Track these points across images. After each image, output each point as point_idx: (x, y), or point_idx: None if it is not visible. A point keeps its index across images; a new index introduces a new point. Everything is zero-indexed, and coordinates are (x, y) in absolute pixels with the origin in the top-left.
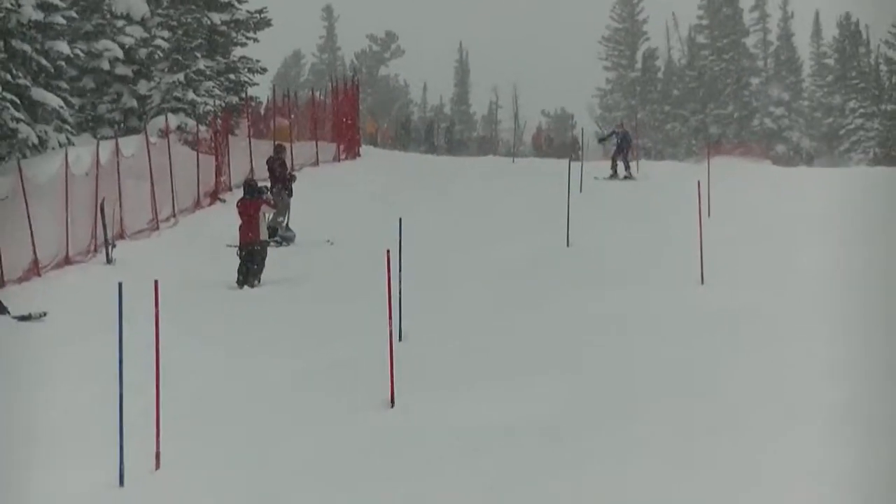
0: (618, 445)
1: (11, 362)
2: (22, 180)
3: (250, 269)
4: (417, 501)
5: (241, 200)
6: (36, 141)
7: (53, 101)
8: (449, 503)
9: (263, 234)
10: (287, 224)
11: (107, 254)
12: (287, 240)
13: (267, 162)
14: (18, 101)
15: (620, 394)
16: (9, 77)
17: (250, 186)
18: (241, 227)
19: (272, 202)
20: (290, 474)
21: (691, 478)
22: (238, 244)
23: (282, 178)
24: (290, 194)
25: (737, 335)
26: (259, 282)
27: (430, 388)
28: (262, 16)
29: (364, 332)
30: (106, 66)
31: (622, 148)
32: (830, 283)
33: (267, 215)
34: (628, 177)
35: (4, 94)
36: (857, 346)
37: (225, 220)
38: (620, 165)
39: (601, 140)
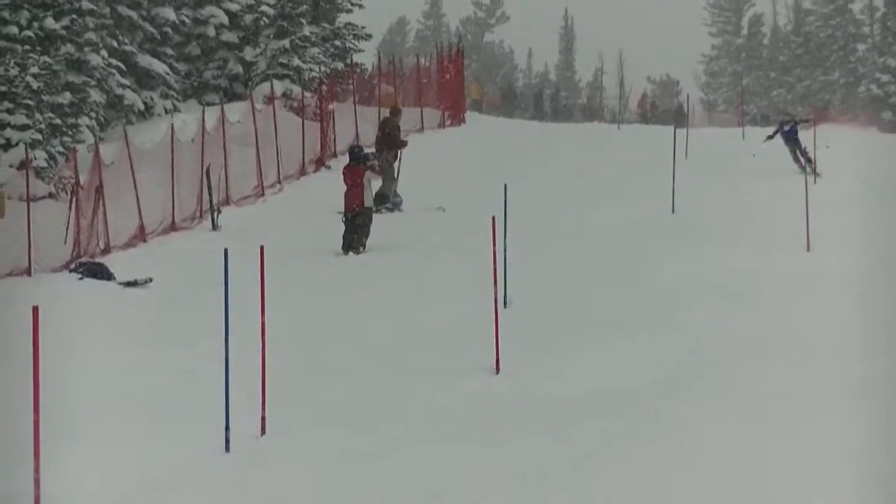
0: (717, 411)
1: (118, 328)
2: (128, 147)
3: (355, 235)
4: (517, 465)
5: (346, 167)
6: (142, 107)
7: (159, 67)
8: (548, 468)
9: (368, 201)
10: (395, 190)
11: (212, 220)
12: (395, 206)
13: (381, 124)
14: (124, 68)
15: (723, 359)
16: (115, 44)
17: (355, 152)
18: (345, 193)
19: (377, 168)
20: (394, 439)
21: (787, 444)
22: (343, 210)
23: (393, 143)
24: (397, 159)
25: (839, 302)
26: (364, 248)
27: (534, 355)
28: None
29: (469, 298)
30: (212, 32)
31: (791, 139)
32: None
33: (372, 182)
34: (811, 170)
35: (111, 60)
36: None
37: (330, 186)
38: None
39: (768, 138)
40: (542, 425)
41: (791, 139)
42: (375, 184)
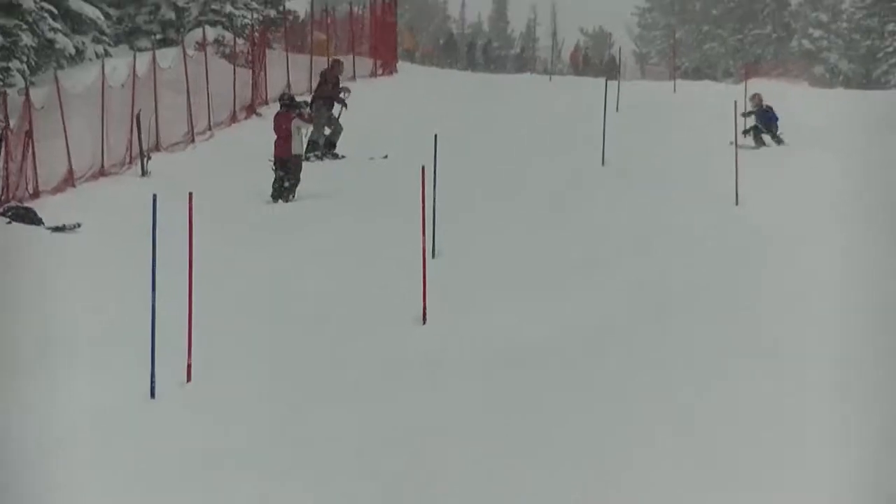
0: (646, 362)
1: (45, 273)
2: (58, 91)
3: (284, 183)
4: (440, 416)
5: (276, 114)
6: (73, 52)
7: (91, 11)
8: (470, 419)
9: (297, 149)
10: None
11: (142, 166)
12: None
13: (320, 74)
14: (56, 12)
15: (653, 311)
16: None
17: (284, 100)
18: (275, 141)
19: (306, 116)
20: (318, 387)
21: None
22: (272, 158)
23: (328, 93)
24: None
25: (767, 255)
26: (294, 196)
27: (461, 305)
28: None
29: (398, 247)
30: None
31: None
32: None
33: (303, 130)
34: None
35: (42, 3)
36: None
37: (261, 133)
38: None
39: (745, 115)
40: (467, 376)
41: (768, 121)
42: (306, 131)
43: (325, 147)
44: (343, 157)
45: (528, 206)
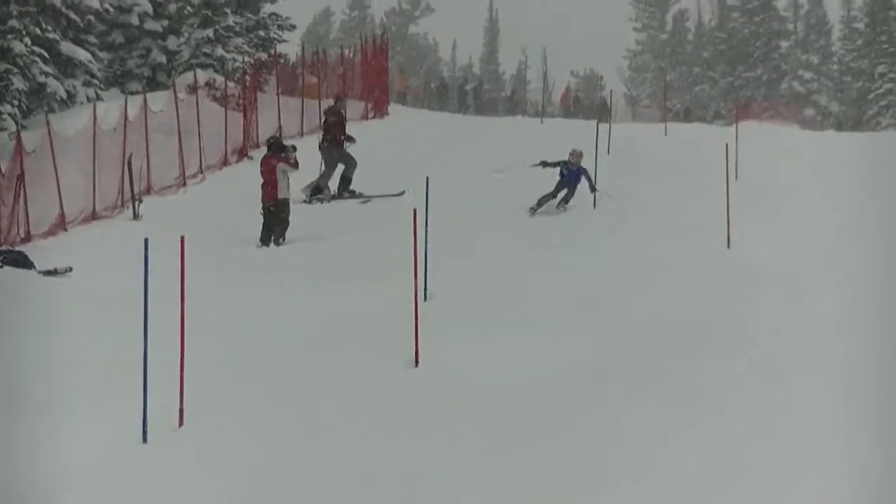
0: (641, 399)
1: (36, 317)
2: (50, 134)
3: (273, 227)
4: (433, 458)
5: (262, 157)
6: (64, 95)
7: (82, 55)
8: (466, 460)
9: (283, 193)
10: (342, 178)
11: (133, 209)
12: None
13: (329, 111)
14: (47, 55)
15: (645, 348)
16: (38, 31)
17: (270, 143)
18: (262, 185)
19: (292, 160)
20: (312, 431)
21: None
22: (262, 203)
23: (335, 134)
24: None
25: (759, 296)
26: (284, 240)
27: (453, 348)
28: None
29: (390, 291)
30: (135, 20)
31: (568, 183)
32: (854, 246)
33: (288, 173)
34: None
35: (34, 48)
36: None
37: (252, 177)
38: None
39: (544, 165)
40: (460, 418)
41: (568, 184)
42: (291, 176)
43: (341, 184)
44: (360, 194)
45: (520, 248)
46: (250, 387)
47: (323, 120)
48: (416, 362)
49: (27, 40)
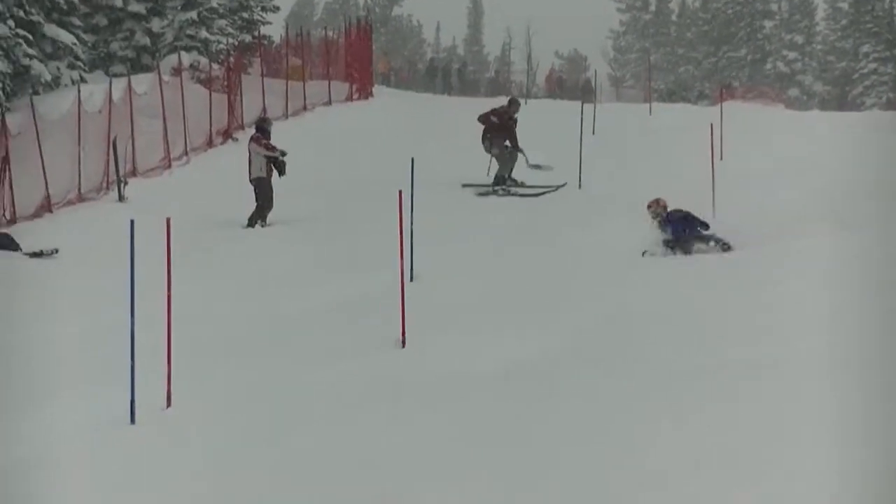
0: (624, 385)
1: (22, 298)
2: (34, 117)
3: (255, 209)
4: (420, 439)
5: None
6: (49, 78)
7: (66, 37)
8: (452, 442)
9: (255, 173)
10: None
11: (119, 191)
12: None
13: (499, 112)
14: (31, 38)
15: (629, 333)
16: (21, 13)
17: (257, 123)
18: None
19: (263, 142)
20: (298, 412)
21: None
22: None
23: (509, 132)
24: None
25: (745, 279)
26: (265, 221)
27: (440, 329)
28: None
29: (376, 272)
30: (119, 3)
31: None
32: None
33: (260, 154)
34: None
35: (17, 30)
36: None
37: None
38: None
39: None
40: (447, 400)
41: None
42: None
43: (504, 180)
44: (522, 183)
45: (505, 230)
46: (236, 369)
47: (491, 115)
48: (403, 343)
49: (11, 22)
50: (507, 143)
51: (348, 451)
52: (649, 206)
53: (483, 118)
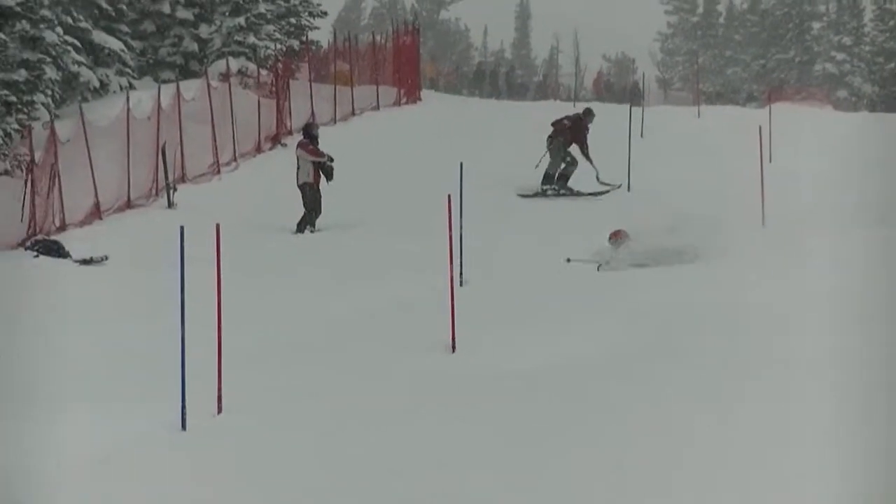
0: (661, 385)
1: (73, 306)
2: (83, 124)
3: (304, 214)
4: (471, 444)
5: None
6: (97, 84)
7: (114, 44)
8: (502, 445)
9: (302, 178)
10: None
11: (168, 197)
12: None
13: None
14: (80, 45)
15: (674, 336)
16: (70, 20)
17: (303, 130)
18: None
19: (310, 148)
20: (349, 416)
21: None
22: None
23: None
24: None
25: (793, 277)
26: (314, 227)
27: (490, 334)
28: None
29: (426, 277)
30: (167, 9)
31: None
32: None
33: (307, 160)
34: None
35: (66, 37)
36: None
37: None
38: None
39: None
40: (497, 403)
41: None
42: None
43: (559, 180)
44: (578, 192)
45: (552, 233)
46: (287, 373)
47: (569, 123)
48: (454, 348)
49: (59, 30)
50: (571, 150)
51: (400, 453)
52: (611, 238)
53: (557, 122)
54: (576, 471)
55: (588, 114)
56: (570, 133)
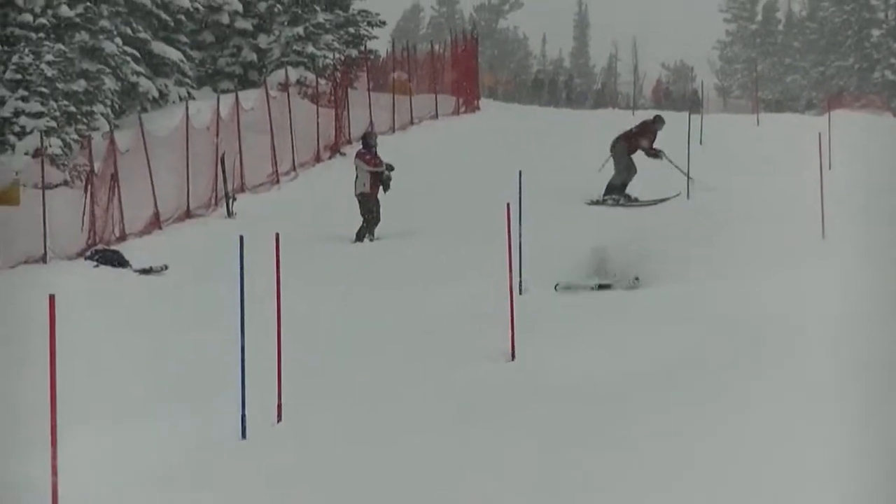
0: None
1: (134, 316)
2: (143, 134)
3: (363, 224)
4: (531, 450)
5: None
6: (156, 95)
7: (174, 54)
8: (561, 454)
9: (358, 188)
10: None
11: (227, 207)
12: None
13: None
14: (139, 55)
15: (737, 348)
16: (129, 31)
17: (361, 139)
18: None
19: (367, 158)
20: (408, 424)
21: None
22: None
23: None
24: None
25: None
26: (373, 236)
27: (548, 341)
28: None
29: (485, 285)
30: (226, 19)
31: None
32: None
33: (364, 169)
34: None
35: (125, 48)
36: None
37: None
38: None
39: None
40: (555, 412)
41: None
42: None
43: (619, 190)
44: (636, 199)
45: (612, 242)
46: (345, 383)
47: (637, 129)
48: (513, 356)
49: (118, 40)
50: (633, 156)
51: (459, 461)
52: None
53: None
54: (631, 488)
55: (658, 120)
56: (635, 138)
